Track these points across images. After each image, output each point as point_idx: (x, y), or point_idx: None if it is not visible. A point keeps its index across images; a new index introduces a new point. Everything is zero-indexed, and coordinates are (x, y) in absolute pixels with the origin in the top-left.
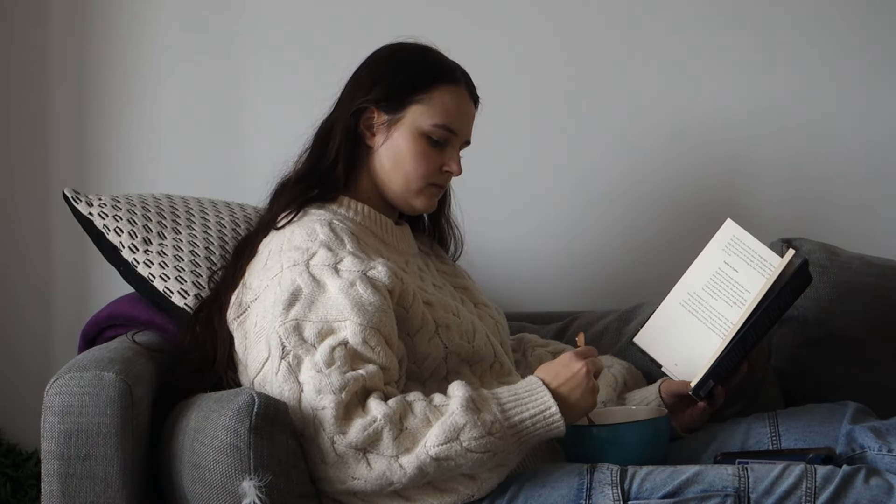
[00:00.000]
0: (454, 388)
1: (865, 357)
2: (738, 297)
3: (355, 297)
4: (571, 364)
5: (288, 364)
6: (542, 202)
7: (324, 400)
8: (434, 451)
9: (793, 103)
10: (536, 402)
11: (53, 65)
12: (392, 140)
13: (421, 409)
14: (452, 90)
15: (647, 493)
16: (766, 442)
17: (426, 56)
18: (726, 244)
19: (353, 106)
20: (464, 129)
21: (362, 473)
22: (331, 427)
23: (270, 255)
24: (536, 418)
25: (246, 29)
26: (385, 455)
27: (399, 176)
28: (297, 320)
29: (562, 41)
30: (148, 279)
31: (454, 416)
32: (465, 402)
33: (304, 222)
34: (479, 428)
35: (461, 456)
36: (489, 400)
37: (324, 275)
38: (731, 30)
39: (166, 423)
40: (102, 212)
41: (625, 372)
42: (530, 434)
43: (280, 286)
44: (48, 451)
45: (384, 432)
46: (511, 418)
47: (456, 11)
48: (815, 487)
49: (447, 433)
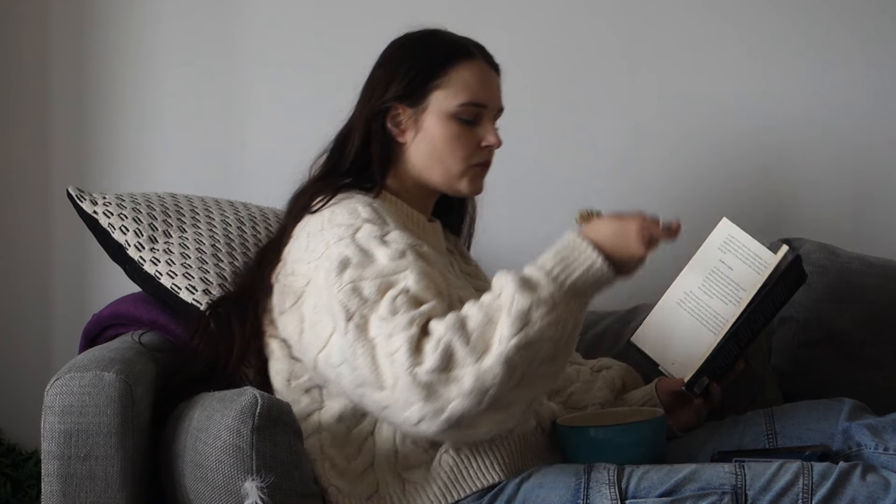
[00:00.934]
0: (499, 278)
1: (865, 357)
2: (734, 295)
3: (409, 259)
4: (622, 222)
5: (356, 325)
6: (542, 204)
7: (396, 341)
8: (513, 342)
9: (792, 103)
10: (580, 259)
11: (53, 64)
12: (423, 131)
13: (476, 310)
14: (469, 65)
15: (645, 491)
16: (763, 440)
17: (435, 39)
18: (722, 243)
19: (375, 107)
20: (491, 99)
21: (455, 392)
22: (408, 363)
23: (311, 237)
24: (587, 276)
25: (247, 28)
26: (466, 365)
27: (437, 164)
28: (354, 282)
29: (562, 41)
30: (155, 276)
31: (517, 303)
32: (519, 286)
33: (343, 203)
34: (543, 305)
35: (538, 337)
36: (537, 276)
37: (371, 245)
38: (729, 30)
39: (169, 422)
40: (107, 210)
41: (623, 373)
42: (586, 291)
43: (329, 261)
44: (48, 451)
45: (454, 344)
46: (564, 284)
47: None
48: (811, 484)
49: (517, 321)
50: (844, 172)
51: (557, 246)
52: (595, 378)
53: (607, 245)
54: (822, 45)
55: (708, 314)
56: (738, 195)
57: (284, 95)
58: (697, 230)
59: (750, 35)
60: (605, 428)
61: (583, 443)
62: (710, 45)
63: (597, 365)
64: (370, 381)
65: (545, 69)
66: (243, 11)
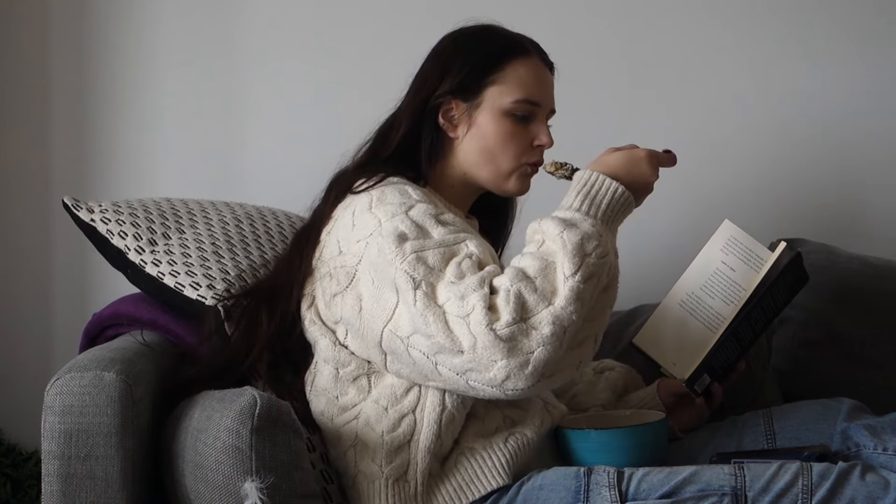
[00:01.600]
0: (535, 226)
1: (865, 357)
2: (736, 296)
3: (467, 233)
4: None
5: (424, 293)
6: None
7: (471, 301)
8: (578, 277)
9: (792, 103)
10: (602, 190)
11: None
12: (476, 127)
13: (529, 259)
14: (525, 62)
15: (645, 494)
16: (762, 441)
17: (491, 35)
18: (724, 244)
19: (426, 101)
20: (545, 98)
21: (536, 339)
22: (485, 320)
23: (357, 215)
24: (612, 204)
25: (246, 29)
26: (539, 310)
27: (488, 162)
28: (417, 252)
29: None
30: (157, 277)
31: (569, 240)
32: (561, 225)
33: (391, 186)
34: (591, 238)
35: (598, 266)
36: (571, 215)
37: (427, 222)
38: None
39: (169, 422)
40: (105, 217)
41: (625, 375)
42: (616, 218)
43: (382, 236)
44: (48, 451)
45: (524, 292)
46: (597, 216)
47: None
48: (811, 484)
49: (576, 255)
50: (844, 173)
51: (576, 186)
52: (598, 380)
53: (622, 173)
54: (822, 45)
55: (710, 315)
56: (739, 195)
57: (285, 96)
58: (699, 231)
59: (750, 36)
60: (606, 431)
61: (584, 445)
62: (709, 47)
63: (599, 366)
64: (447, 346)
65: None
66: (243, 12)
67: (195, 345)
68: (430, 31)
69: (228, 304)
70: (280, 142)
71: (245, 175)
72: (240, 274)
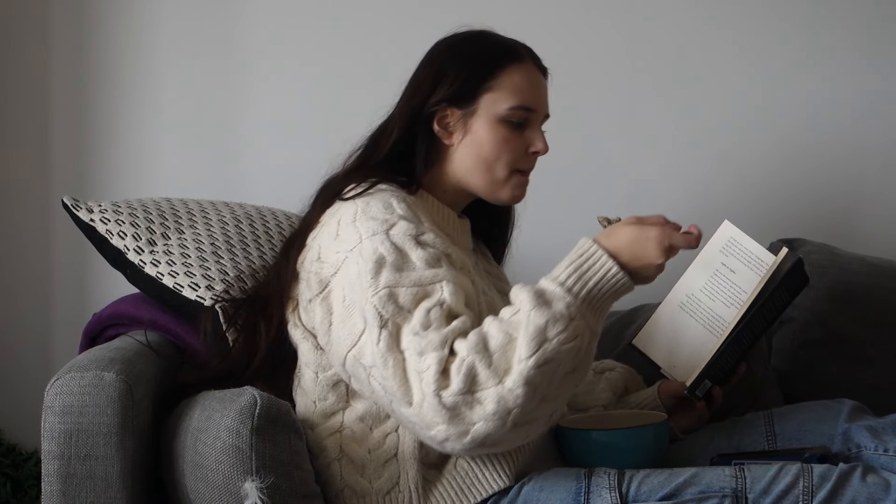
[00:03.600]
0: (516, 292)
1: (865, 357)
2: (736, 298)
3: (444, 267)
4: (640, 228)
5: (388, 333)
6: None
7: (427, 359)
8: (532, 361)
9: (792, 103)
10: (597, 267)
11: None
12: (472, 134)
13: (497, 328)
14: (520, 69)
15: (645, 495)
16: (762, 442)
17: (484, 41)
18: (723, 246)
19: (420, 107)
20: (540, 103)
21: (479, 414)
22: (435, 385)
23: (342, 225)
24: (601, 284)
25: (246, 29)
26: (489, 386)
27: (483, 169)
28: (390, 287)
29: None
30: (156, 278)
31: (532, 320)
32: (534, 301)
33: (378, 195)
34: (559, 320)
35: (557, 352)
36: (552, 287)
37: (406, 245)
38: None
39: (169, 422)
40: (104, 217)
41: (626, 375)
42: (603, 300)
43: (362, 256)
44: (48, 451)
45: (476, 366)
46: (579, 294)
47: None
48: (811, 486)
49: (535, 338)
50: (844, 173)
51: (572, 254)
52: (598, 380)
53: (624, 252)
54: (822, 46)
55: (710, 317)
56: (739, 196)
57: (285, 96)
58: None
59: (750, 38)
60: (607, 431)
61: (585, 446)
62: (711, 48)
63: (599, 367)
64: (398, 394)
65: None
66: (243, 12)
67: (195, 345)
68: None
69: (227, 306)
70: (280, 142)
71: (245, 175)
72: (239, 275)
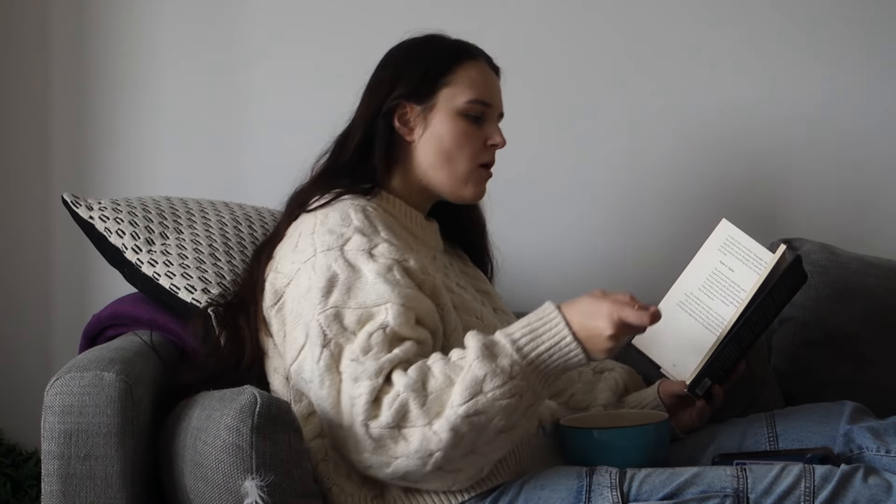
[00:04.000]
0: (468, 338)
1: (865, 357)
2: (735, 296)
3: (392, 280)
4: (596, 300)
5: (330, 353)
6: (542, 204)
7: (360, 387)
8: (462, 410)
9: (792, 103)
10: (551, 332)
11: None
12: (431, 128)
13: (440, 369)
14: (475, 65)
15: (646, 494)
16: (764, 442)
17: (438, 41)
18: (722, 244)
19: (380, 106)
20: (495, 100)
21: (402, 450)
22: (364, 415)
23: (301, 237)
24: (553, 350)
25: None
26: (417, 425)
27: (445, 163)
28: (338, 307)
29: (563, 42)
30: (153, 278)
31: (473, 369)
32: (480, 351)
33: (338, 206)
34: (499, 375)
35: (490, 407)
36: (503, 342)
37: (359, 260)
38: (730, 30)
39: (168, 422)
40: (103, 215)
41: (625, 375)
42: (550, 367)
43: (315, 270)
44: (48, 451)
45: (410, 403)
46: (528, 355)
47: (458, 10)
48: (813, 487)
49: (470, 388)
50: (844, 172)
51: (533, 315)
52: (597, 379)
53: (576, 321)
54: (822, 44)
55: (709, 316)
56: (738, 195)
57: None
58: (697, 231)
59: (750, 36)
60: (608, 430)
61: (586, 444)
62: (710, 46)
63: (598, 366)
64: (331, 415)
65: (546, 69)
66: (244, 11)
67: (194, 345)
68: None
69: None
70: (280, 141)
71: (245, 174)
72: (235, 279)
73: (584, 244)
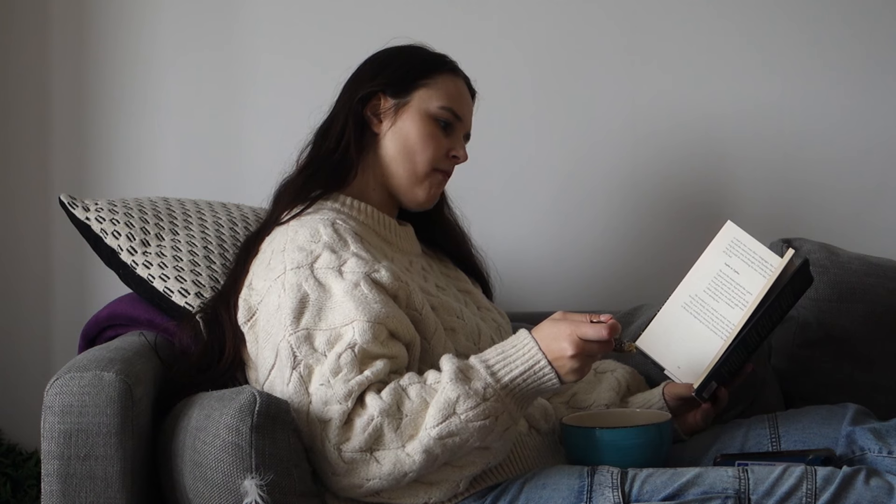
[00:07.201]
0: (443, 362)
1: (865, 357)
2: (740, 298)
3: (360, 297)
4: (556, 322)
5: (300, 375)
6: (542, 204)
7: (330, 411)
8: (435, 432)
9: (793, 104)
10: (524, 356)
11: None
12: (400, 124)
13: (416, 392)
14: (454, 80)
15: (648, 495)
16: (766, 444)
17: (423, 49)
18: (727, 246)
19: (358, 94)
20: (467, 116)
21: (375, 472)
22: (336, 437)
23: (273, 255)
24: (527, 374)
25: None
26: (391, 448)
27: (406, 160)
28: (308, 329)
29: (562, 42)
30: (147, 280)
31: (446, 392)
32: (454, 374)
33: (307, 221)
34: (472, 398)
35: (463, 429)
36: (477, 366)
37: (328, 278)
38: (731, 30)
39: (167, 422)
40: (100, 216)
41: (627, 375)
42: (524, 390)
43: (284, 289)
44: (48, 451)
45: (384, 427)
46: (501, 379)
47: (457, 9)
48: (815, 488)
49: (443, 410)
50: (844, 172)
51: (508, 341)
52: (598, 379)
53: (543, 346)
54: (824, 46)
55: (714, 318)
56: (739, 195)
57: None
58: (701, 232)
59: (753, 37)
60: (610, 430)
61: (588, 443)
62: (713, 47)
63: (599, 367)
64: (304, 433)
65: (546, 68)
66: (243, 10)
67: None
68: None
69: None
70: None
71: (245, 174)
72: None
73: (586, 246)
